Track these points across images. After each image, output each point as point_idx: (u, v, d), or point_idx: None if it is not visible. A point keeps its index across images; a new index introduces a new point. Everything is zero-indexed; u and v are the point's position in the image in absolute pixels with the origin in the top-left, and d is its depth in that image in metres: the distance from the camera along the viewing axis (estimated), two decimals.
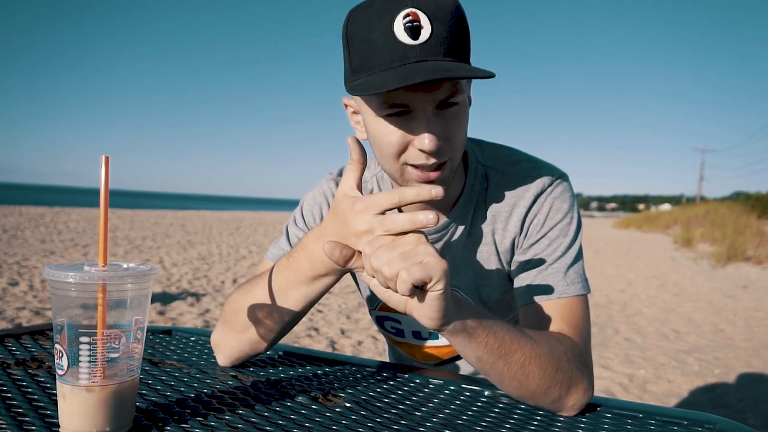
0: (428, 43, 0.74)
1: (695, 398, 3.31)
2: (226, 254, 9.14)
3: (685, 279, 8.71)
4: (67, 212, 18.86)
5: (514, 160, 0.98)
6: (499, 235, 0.96)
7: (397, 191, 0.69)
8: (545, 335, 0.81)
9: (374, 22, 0.76)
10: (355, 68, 0.79)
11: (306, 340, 4.08)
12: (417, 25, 0.74)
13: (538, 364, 0.75)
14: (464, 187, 0.96)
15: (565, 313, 0.86)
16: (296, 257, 0.81)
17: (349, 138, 0.75)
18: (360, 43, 0.78)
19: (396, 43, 0.74)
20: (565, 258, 0.90)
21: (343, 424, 0.71)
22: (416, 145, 0.80)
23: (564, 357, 0.78)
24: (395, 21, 0.74)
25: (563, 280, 0.88)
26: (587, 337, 0.86)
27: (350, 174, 0.75)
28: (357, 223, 0.70)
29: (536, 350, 0.76)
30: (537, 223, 0.93)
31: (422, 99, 0.77)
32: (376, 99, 0.79)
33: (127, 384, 0.63)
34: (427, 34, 0.74)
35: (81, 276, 0.59)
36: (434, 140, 0.78)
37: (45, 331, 1.09)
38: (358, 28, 0.78)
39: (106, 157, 0.63)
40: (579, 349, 0.82)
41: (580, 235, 0.93)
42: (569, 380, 0.77)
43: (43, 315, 4.30)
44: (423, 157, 0.80)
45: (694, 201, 49.87)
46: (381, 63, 0.75)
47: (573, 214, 0.93)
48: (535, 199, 0.93)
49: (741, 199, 26.50)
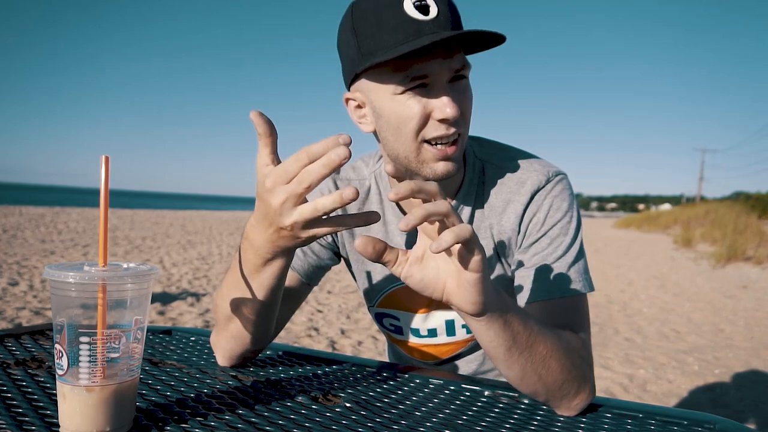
0: (438, 19, 0.80)
1: (695, 398, 3.31)
2: (226, 254, 9.14)
3: (685, 279, 8.71)
4: (67, 212, 18.87)
5: (511, 156, 0.99)
6: (496, 230, 0.96)
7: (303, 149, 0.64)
8: (560, 331, 0.80)
9: (382, 6, 0.81)
10: (366, 51, 0.82)
11: (306, 340, 4.08)
12: (425, 4, 0.80)
13: (557, 357, 0.75)
14: (464, 177, 0.97)
15: (566, 312, 0.86)
16: (243, 247, 0.78)
17: (252, 113, 0.68)
18: (370, 27, 0.82)
19: (409, 20, 0.79)
20: (566, 257, 0.90)
21: (343, 424, 0.71)
22: (437, 115, 0.82)
23: (577, 354, 0.79)
24: (404, 2, 0.80)
25: (564, 279, 0.88)
26: (589, 337, 0.87)
27: (263, 150, 0.69)
28: (273, 199, 0.66)
29: (556, 344, 0.76)
30: (537, 222, 0.93)
31: (440, 67, 0.81)
32: (395, 77, 0.82)
33: (127, 384, 0.63)
34: (435, 11, 0.80)
35: (81, 276, 0.59)
36: (455, 107, 0.81)
37: (45, 331, 1.09)
38: (366, 16, 0.82)
39: (106, 157, 0.63)
40: (586, 348, 0.83)
41: (580, 234, 0.93)
42: (581, 377, 0.78)
43: (43, 315, 4.30)
44: (443, 127, 0.83)
45: (694, 201, 49.88)
46: (396, 39, 0.80)
47: (573, 212, 0.93)
48: (533, 197, 0.93)
49: (741, 199, 26.50)
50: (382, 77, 0.84)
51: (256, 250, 0.75)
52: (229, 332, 0.88)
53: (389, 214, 1.01)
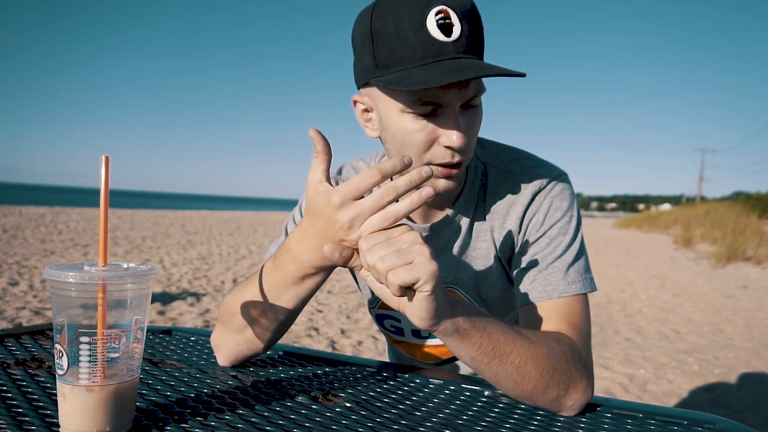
0: (459, 41, 0.76)
1: (695, 398, 3.31)
2: (226, 254, 9.14)
3: (685, 279, 8.71)
4: (67, 212, 18.87)
5: (514, 158, 0.98)
6: (498, 233, 0.96)
7: (376, 167, 0.68)
8: (544, 335, 0.80)
9: (404, 17, 0.76)
10: (382, 63, 0.79)
11: (306, 340, 4.08)
12: (449, 23, 0.75)
13: (535, 365, 0.75)
14: (465, 183, 0.96)
15: (564, 312, 0.86)
16: (282, 260, 0.80)
17: (311, 130, 0.73)
18: (388, 38, 0.77)
19: (430, 39, 0.75)
20: (566, 257, 0.90)
21: (343, 424, 0.71)
22: (443, 142, 0.81)
23: (563, 357, 0.78)
24: (428, 17, 0.75)
25: (564, 279, 0.88)
26: (587, 337, 0.86)
27: (318, 167, 0.73)
28: (342, 216, 0.69)
29: (533, 351, 0.76)
30: (536, 222, 0.92)
31: (454, 96, 0.79)
32: (407, 95, 0.79)
33: (127, 384, 0.63)
34: (458, 32, 0.76)
35: (81, 276, 0.59)
36: (462, 137, 0.80)
37: (45, 331, 1.09)
38: (386, 22, 0.78)
39: (106, 157, 0.63)
40: (578, 349, 0.82)
41: (580, 233, 0.93)
42: (567, 380, 0.77)
43: (43, 315, 4.30)
44: (449, 155, 0.82)
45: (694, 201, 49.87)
46: (414, 58, 0.76)
47: (572, 212, 0.93)
48: (533, 198, 0.93)
49: (741, 199, 26.48)
50: (394, 92, 0.81)
51: (301, 264, 0.77)
52: (244, 336, 0.88)
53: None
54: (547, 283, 0.88)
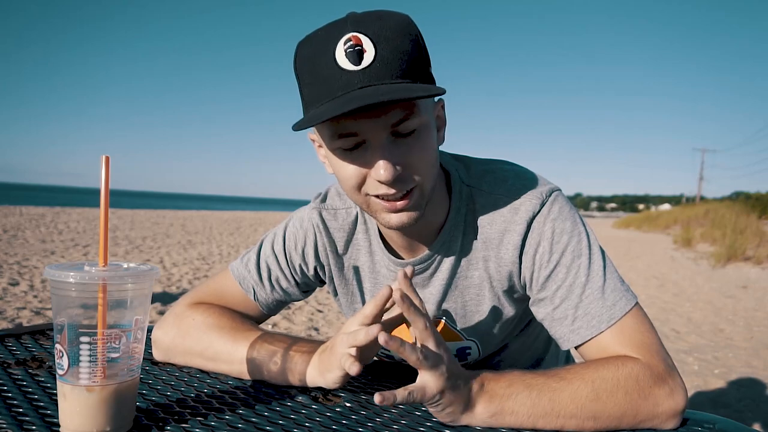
0: (372, 67, 0.71)
1: (695, 398, 3.31)
2: (227, 254, 9.14)
3: (685, 279, 8.71)
4: (68, 212, 18.87)
5: (500, 178, 0.90)
6: (494, 263, 0.89)
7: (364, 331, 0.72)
8: (601, 366, 0.77)
9: (318, 52, 0.73)
10: (307, 100, 0.77)
11: None
12: (359, 50, 0.71)
13: (598, 403, 0.73)
14: (450, 210, 0.90)
15: (621, 337, 0.80)
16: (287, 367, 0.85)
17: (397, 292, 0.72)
18: (308, 74, 0.75)
19: (338, 72, 0.72)
20: (593, 280, 0.83)
21: (343, 424, 0.71)
22: (373, 175, 0.76)
23: (630, 379, 0.75)
24: (337, 48, 0.72)
25: (604, 306, 0.81)
26: (653, 343, 0.80)
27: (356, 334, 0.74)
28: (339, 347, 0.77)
29: (590, 392, 0.73)
30: (543, 253, 0.85)
31: (372, 126, 0.74)
32: (327, 131, 0.76)
33: (127, 384, 0.63)
34: (370, 58, 0.71)
35: (81, 276, 0.59)
36: (390, 169, 0.74)
37: (45, 331, 1.10)
38: (304, 61, 0.76)
39: (106, 157, 0.63)
40: (648, 362, 0.77)
41: (595, 247, 0.85)
42: (645, 398, 0.74)
43: (43, 315, 4.30)
44: (383, 187, 0.77)
45: (694, 201, 49.89)
46: (328, 93, 0.73)
47: (579, 228, 0.86)
48: (530, 225, 0.86)
49: (741, 199, 26.49)
50: (321, 128, 0.78)
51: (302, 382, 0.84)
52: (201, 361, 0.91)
53: (375, 245, 0.96)
54: (590, 317, 0.81)
